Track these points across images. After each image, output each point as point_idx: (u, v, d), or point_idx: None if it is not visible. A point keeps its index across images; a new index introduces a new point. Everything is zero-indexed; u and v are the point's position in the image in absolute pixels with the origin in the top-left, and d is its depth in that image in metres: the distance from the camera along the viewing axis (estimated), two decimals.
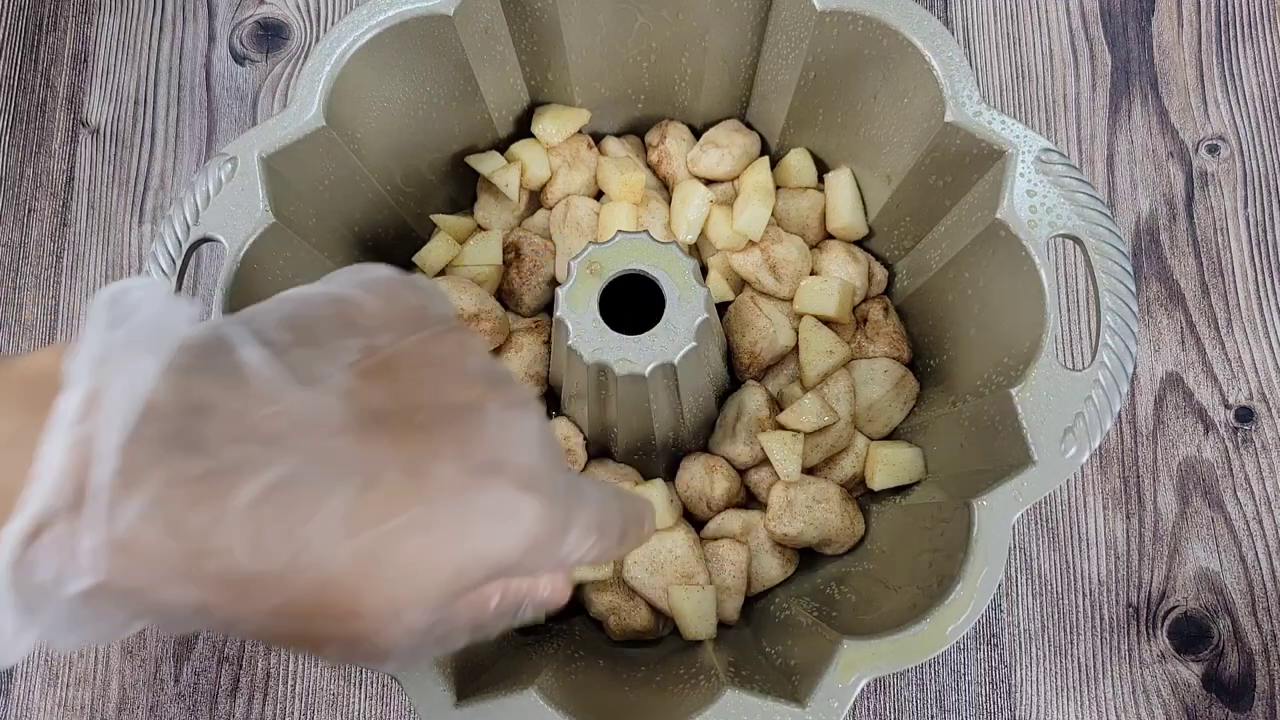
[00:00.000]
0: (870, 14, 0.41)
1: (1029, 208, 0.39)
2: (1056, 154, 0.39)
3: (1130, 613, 0.51)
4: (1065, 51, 0.59)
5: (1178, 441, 0.53)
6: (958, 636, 0.35)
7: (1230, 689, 0.50)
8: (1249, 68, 0.59)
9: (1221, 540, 0.52)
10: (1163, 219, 0.56)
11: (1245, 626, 0.50)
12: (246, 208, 0.40)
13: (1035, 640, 0.51)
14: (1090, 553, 0.52)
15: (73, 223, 0.58)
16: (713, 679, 0.38)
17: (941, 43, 0.41)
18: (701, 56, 0.49)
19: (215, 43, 0.61)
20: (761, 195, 0.49)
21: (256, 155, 0.40)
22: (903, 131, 0.45)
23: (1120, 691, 0.50)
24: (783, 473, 0.46)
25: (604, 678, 0.43)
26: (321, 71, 0.41)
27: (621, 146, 0.54)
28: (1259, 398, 0.54)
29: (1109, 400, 0.37)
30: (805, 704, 0.35)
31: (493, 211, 0.53)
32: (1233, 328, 0.55)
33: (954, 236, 0.44)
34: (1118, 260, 0.38)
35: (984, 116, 0.40)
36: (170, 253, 0.39)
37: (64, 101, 0.60)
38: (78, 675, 0.52)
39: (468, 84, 0.47)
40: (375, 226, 0.49)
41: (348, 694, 0.51)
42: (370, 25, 0.41)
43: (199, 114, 0.60)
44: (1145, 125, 0.58)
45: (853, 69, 0.44)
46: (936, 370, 0.48)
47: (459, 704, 0.35)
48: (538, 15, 0.46)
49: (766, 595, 0.48)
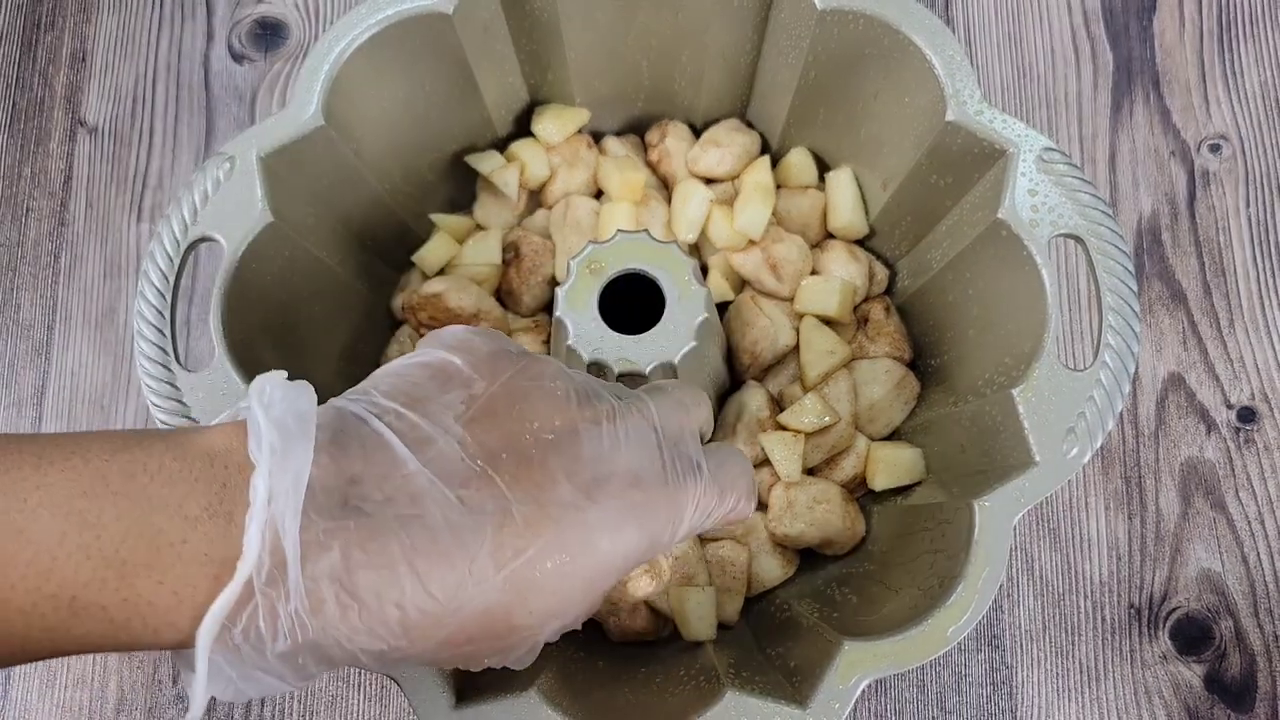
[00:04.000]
0: (871, 13, 0.41)
1: (1030, 207, 0.39)
2: (1058, 153, 0.39)
3: (1132, 613, 0.51)
4: (1067, 50, 0.59)
5: (1180, 442, 0.53)
6: (959, 637, 0.35)
7: (1232, 690, 0.50)
8: (1251, 66, 0.59)
9: (1224, 541, 0.52)
10: (1165, 218, 0.56)
11: (1247, 627, 0.50)
12: (245, 207, 0.39)
13: (1037, 641, 0.51)
14: (1092, 553, 0.52)
15: (70, 222, 0.58)
16: (713, 680, 0.38)
17: (943, 41, 0.41)
18: (702, 55, 0.49)
19: (213, 41, 0.61)
20: (762, 194, 0.49)
21: (255, 154, 0.40)
22: (904, 131, 0.44)
23: (1122, 692, 0.50)
24: (783, 473, 0.46)
25: (604, 679, 0.43)
26: (320, 70, 0.41)
27: (621, 145, 0.53)
28: (1261, 398, 0.53)
29: (1111, 400, 0.37)
30: (806, 705, 0.34)
31: (492, 211, 0.52)
32: (1235, 327, 0.54)
33: (955, 236, 0.44)
34: (1119, 260, 0.38)
35: (985, 115, 0.40)
36: (168, 252, 0.39)
37: (62, 100, 0.60)
38: (76, 677, 0.51)
39: (467, 83, 0.47)
40: (374, 226, 0.49)
41: (346, 695, 0.51)
42: (369, 24, 0.41)
43: (197, 113, 0.60)
44: (1147, 124, 0.58)
45: (853, 68, 0.44)
46: (938, 370, 0.48)
47: (458, 706, 0.35)
48: (537, 14, 0.46)
49: (767, 596, 0.48)
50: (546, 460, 0.26)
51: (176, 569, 0.22)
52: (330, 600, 0.23)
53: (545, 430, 0.26)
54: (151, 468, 0.23)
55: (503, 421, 0.26)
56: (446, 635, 0.24)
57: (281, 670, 0.23)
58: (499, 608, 0.24)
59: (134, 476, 0.23)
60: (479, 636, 0.25)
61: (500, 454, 0.25)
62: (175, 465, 0.23)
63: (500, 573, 0.24)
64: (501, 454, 0.25)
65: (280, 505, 0.22)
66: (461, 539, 0.24)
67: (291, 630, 0.22)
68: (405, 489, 0.24)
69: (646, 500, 0.27)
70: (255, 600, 0.22)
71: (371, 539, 0.23)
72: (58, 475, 0.22)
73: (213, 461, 0.23)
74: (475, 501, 0.24)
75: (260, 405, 0.24)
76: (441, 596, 0.23)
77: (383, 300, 0.52)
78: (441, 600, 0.23)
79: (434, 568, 0.23)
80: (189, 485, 0.23)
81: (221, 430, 0.24)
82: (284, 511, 0.22)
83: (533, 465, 0.25)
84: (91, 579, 0.21)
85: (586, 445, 0.26)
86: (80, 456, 0.23)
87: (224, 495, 0.23)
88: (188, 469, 0.23)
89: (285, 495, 0.22)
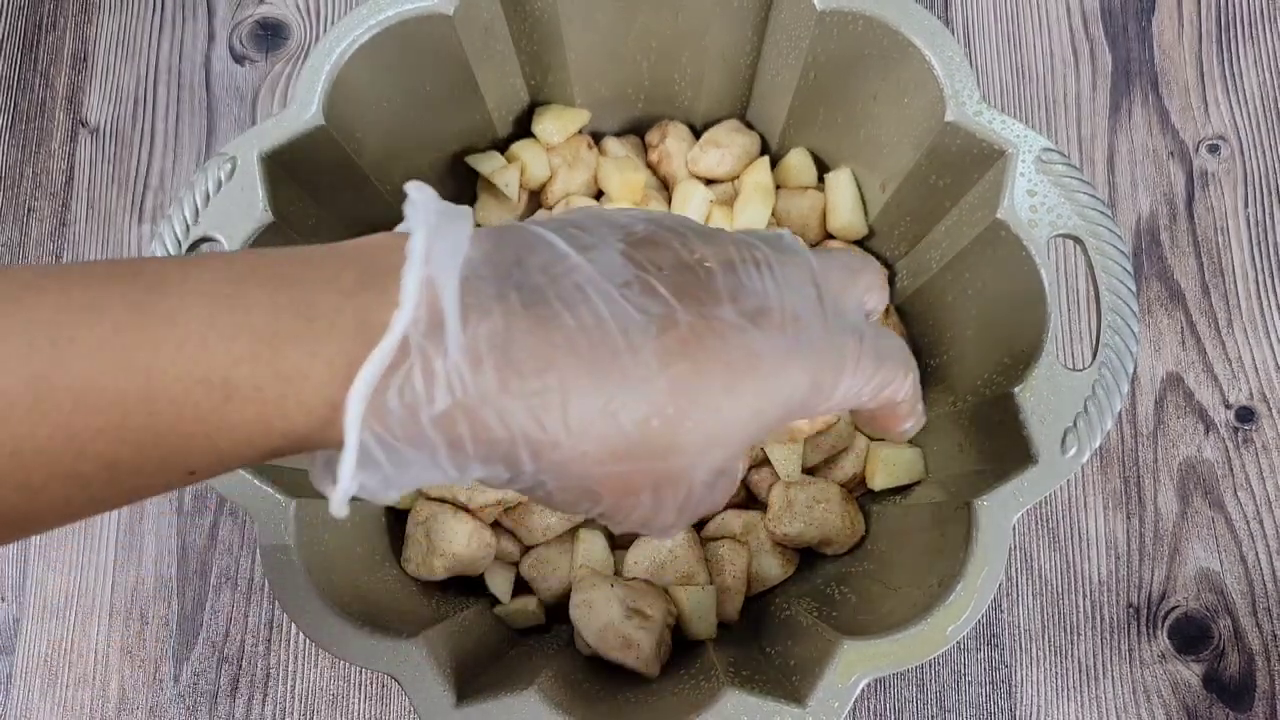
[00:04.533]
0: (870, 14, 0.41)
1: (1029, 207, 0.39)
2: (1057, 154, 0.39)
3: (1131, 613, 0.51)
4: (1066, 51, 0.59)
5: (1178, 441, 0.53)
6: (958, 637, 0.35)
7: (1231, 689, 0.50)
8: (1249, 67, 0.59)
9: (1222, 540, 0.52)
10: (1163, 219, 0.56)
11: (1246, 626, 0.50)
12: (246, 207, 0.39)
13: (1035, 640, 0.51)
14: (1091, 553, 0.52)
15: (72, 222, 0.58)
16: (713, 679, 0.38)
17: (942, 42, 0.41)
18: (702, 56, 0.49)
19: (215, 42, 0.61)
20: (762, 195, 0.49)
21: (256, 155, 0.40)
22: (903, 131, 0.45)
23: (1121, 692, 0.50)
24: (783, 473, 0.46)
25: (604, 678, 0.43)
26: (321, 71, 0.41)
27: (621, 146, 0.54)
28: (1259, 397, 0.54)
29: (1109, 400, 0.37)
30: (805, 704, 0.35)
31: (493, 211, 0.52)
32: (1233, 327, 0.55)
33: (954, 236, 0.44)
34: (1118, 260, 0.38)
35: (984, 116, 0.40)
36: (169, 252, 0.39)
37: (63, 101, 0.60)
38: (77, 675, 0.52)
39: (467, 84, 0.47)
40: (375, 226, 0.49)
41: (347, 694, 0.51)
42: (370, 25, 0.41)
43: (198, 113, 0.60)
44: (1146, 125, 0.58)
45: (853, 69, 0.44)
46: (937, 370, 0.48)
47: (459, 704, 0.35)
48: (538, 15, 0.46)
49: (767, 595, 0.48)
50: (711, 281, 0.24)
51: (330, 339, 0.21)
52: (490, 366, 0.21)
53: (705, 260, 0.25)
54: (300, 256, 0.22)
55: (663, 249, 0.25)
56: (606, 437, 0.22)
57: (435, 444, 0.22)
58: (661, 416, 0.23)
59: (279, 264, 0.22)
60: (638, 451, 0.23)
61: (663, 268, 0.24)
62: (323, 252, 0.23)
63: (665, 371, 0.23)
64: (664, 269, 0.24)
65: (438, 264, 0.21)
66: (626, 331, 0.22)
67: (450, 386, 0.21)
68: (570, 277, 0.23)
69: (810, 340, 0.25)
70: (411, 359, 0.21)
71: (533, 313, 0.22)
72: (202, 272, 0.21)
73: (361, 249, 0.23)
74: (640, 302, 0.23)
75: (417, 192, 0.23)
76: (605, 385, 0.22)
77: None
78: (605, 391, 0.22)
79: (598, 353, 0.22)
80: (340, 265, 0.22)
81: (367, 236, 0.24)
82: (442, 269, 0.21)
83: (698, 282, 0.24)
84: (243, 355, 0.21)
85: (751, 279, 0.25)
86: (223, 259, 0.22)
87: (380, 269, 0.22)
88: (339, 255, 0.22)
89: (444, 256, 0.22)
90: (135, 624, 0.52)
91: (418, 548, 0.46)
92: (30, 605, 0.53)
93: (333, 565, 0.39)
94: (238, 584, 0.52)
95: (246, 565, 0.53)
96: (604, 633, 0.42)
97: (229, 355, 0.21)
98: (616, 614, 0.42)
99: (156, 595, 0.53)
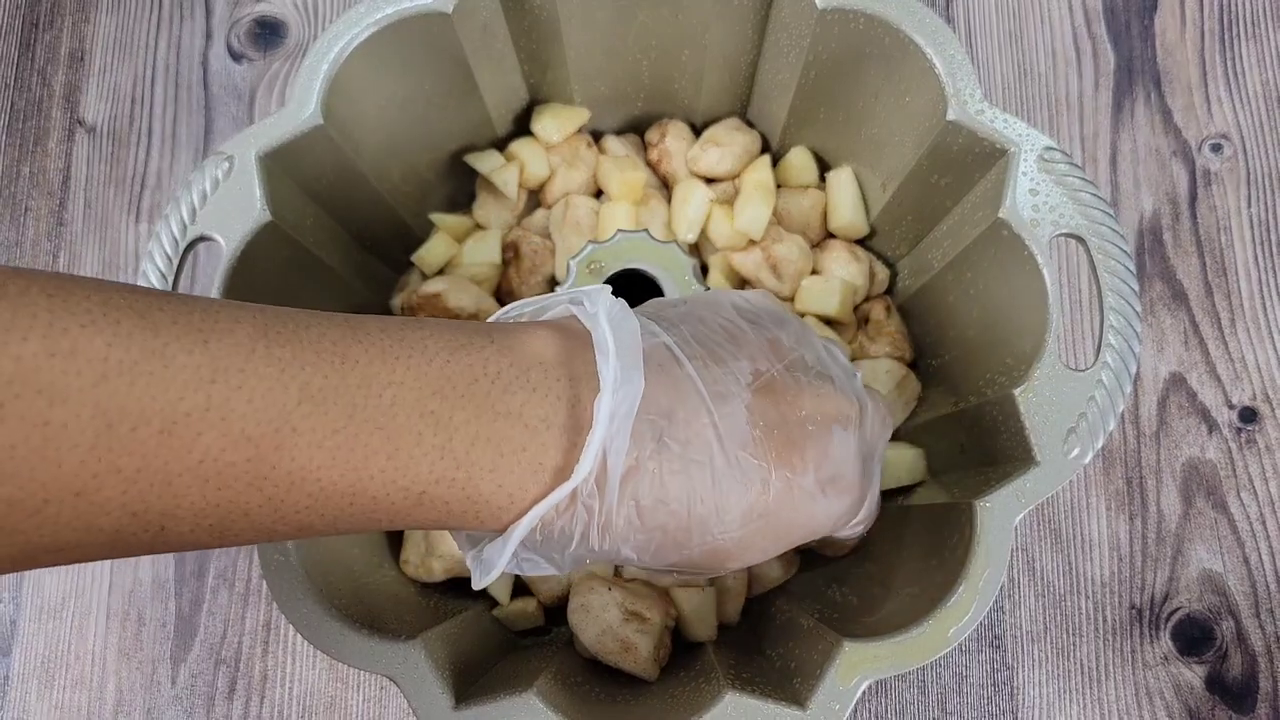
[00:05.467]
0: (872, 12, 0.41)
1: (1032, 207, 0.39)
2: (1059, 153, 0.39)
3: (1133, 614, 0.51)
4: (1068, 50, 0.59)
5: (1181, 442, 0.53)
6: (960, 638, 0.35)
7: (1234, 691, 0.50)
8: (1252, 66, 0.58)
9: (1225, 541, 0.51)
10: (1166, 218, 0.56)
11: (1249, 628, 0.50)
12: (243, 207, 0.39)
13: (1038, 642, 0.51)
14: (1093, 554, 0.52)
15: (69, 222, 0.58)
16: (713, 681, 0.38)
17: (943, 41, 0.40)
18: (702, 54, 0.49)
19: (212, 41, 0.61)
20: (762, 194, 0.49)
21: (254, 154, 0.39)
22: (904, 130, 0.44)
23: (1123, 693, 0.50)
24: None
25: (604, 680, 0.42)
26: (319, 69, 0.40)
27: (621, 145, 0.53)
28: (1263, 398, 0.53)
29: (1112, 401, 0.37)
30: (806, 706, 0.34)
31: (491, 210, 0.52)
32: (1236, 328, 0.54)
33: (956, 236, 0.44)
34: (1121, 260, 0.38)
35: (986, 115, 0.40)
36: (167, 252, 0.39)
37: (60, 100, 0.60)
38: (74, 677, 0.51)
39: (466, 82, 0.47)
40: (373, 225, 0.49)
41: (345, 696, 0.50)
42: (368, 23, 0.41)
43: (196, 112, 0.59)
44: (1148, 124, 0.58)
45: (854, 67, 0.44)
46: (938, 370, 0.48)
47: (457, 707, 0.35)
48: (537, 13, 0.46)
49: (767, 597, 0.47)
50: (806, 449, 0.30)
51: (515, 473, 0.25)
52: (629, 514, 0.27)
53: (809, 421, 0.30)
54: (490, 372, 0.26)
55: (779, 402, 0.30)
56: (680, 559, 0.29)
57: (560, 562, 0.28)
58: (724, 550, 0.29)
59: (476, 380, 0.25)
60: (700, 563, 0.29)
61: (774, 429, 0.29)
62: (512, 372, 0.26)
63: (742, 530, 0.29)
64: (775, 429, 0.29)
65: (615, 427, 0.26)
66: (727, 493, 0.28)
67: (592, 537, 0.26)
68: (703, 436, 0.28)
69: (851, 502, 0.32)
70: (575, 508, 0.26)
71: (669, 471, 0.27)
72: (405, 373, 0.24)
73: (546, 372, 0.26)
74: (747, 467, 0.28)
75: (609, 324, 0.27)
76: (706, 523, 0.28)
77: (382, 300, 0.52)
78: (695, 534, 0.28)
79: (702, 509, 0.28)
80: (526, 394, 0.26)
81: (539, 336, 0.27)
82: (616, 434, 0.26)
83: (794, 449, 0.29)
84: (442, 477, 0.24)
85: (833, 447, 0.31)
86: (421, 354, 0.25)
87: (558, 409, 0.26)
88: (524, 378, 0.26)
89: (622, 419, 0.26)
90: (132, 625, 0.52)
91: (416, 549, 0.45)
92: (27, 606, 0.53)
93: (331, 567, 0.39)
94: (235, 586, 0.52)
95: (244, 567, 0.52)
96: (602, 637, 0.42)
97: (431, 474, 0.24)
98: (614, 618, 0.42)
99: (154, 597, 0.52)
